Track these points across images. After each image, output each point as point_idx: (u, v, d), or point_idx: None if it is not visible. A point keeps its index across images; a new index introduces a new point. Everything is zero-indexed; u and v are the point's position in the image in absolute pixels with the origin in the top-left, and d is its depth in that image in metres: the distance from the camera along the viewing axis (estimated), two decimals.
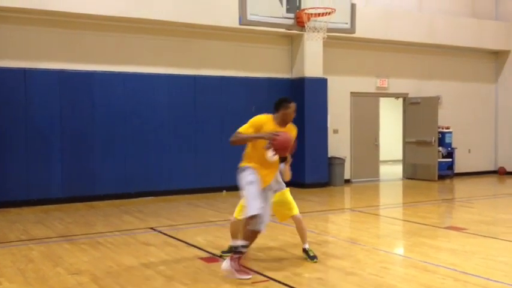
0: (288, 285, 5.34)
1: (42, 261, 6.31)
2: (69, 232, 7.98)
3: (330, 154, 13.29)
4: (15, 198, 10.04)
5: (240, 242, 5.58)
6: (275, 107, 5.76)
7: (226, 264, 5.48)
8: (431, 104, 14.46)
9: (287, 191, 6.37)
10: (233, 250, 5.68)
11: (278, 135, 5.39)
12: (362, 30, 12.24)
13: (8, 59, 10.13)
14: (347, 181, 13.80)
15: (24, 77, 10.22)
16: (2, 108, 9.94)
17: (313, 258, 6.24)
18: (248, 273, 5.52)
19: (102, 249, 6.90)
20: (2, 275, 5.72)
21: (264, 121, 5.65)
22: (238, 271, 5.46)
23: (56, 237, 7.67)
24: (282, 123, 5.71)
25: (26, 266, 6.12)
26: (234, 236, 6.17)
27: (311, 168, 12.82)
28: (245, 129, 5.58)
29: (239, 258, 5.49)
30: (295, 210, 6.35)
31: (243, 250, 5.53)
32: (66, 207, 10.16)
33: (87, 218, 9.19)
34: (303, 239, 6.40)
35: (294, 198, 6.52)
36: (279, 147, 5.42)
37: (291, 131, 5.74)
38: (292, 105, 5.73)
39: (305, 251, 6.35)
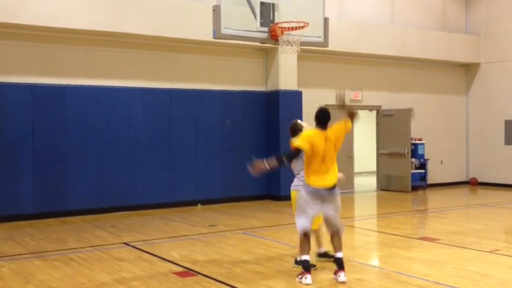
0: None
1: (12, 279, 6.18)
2: (40, 248, 7.84)
3: None
4: None
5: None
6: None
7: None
8: (404, 116, 14.67)
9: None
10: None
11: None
12: (335, 44, 12.38)
13: None
14: None
15: None
16: None
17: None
18: None
19: (75, 266, 6.80)
20: None
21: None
22: None
23: (27, 253, 7.53)
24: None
25: None
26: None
27: (286, 181, 12.71)
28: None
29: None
30: None
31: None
32: (37, 223, 9.98)
33: (59, 233, 9.04)
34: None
35: (269, 211, 6.54)
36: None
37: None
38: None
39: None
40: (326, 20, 8.28)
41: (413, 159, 14.90)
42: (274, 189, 12.81)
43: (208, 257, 7.23)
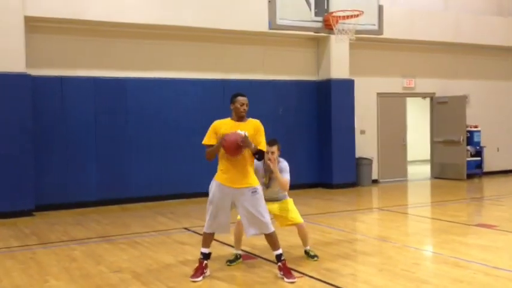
0: (322, 281, 5.51)
1: (84, 260, 6.60)
2: (107, 233, 8.27)
3: (357, 155, 13.40)
4: (53, 201, 10.40)
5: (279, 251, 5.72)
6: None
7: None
8: (459, 103, 14.44)
9: (290, 201, 6.42)
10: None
11: (225, 138, 5.55)
12: (388, 31, 12.22)
13: (45, 67, 10.51)
14: (375, 181, 13.89)
15: (60, 85, 10.59)
16: (40, 115, 10.31)
17: (313, 257, 6.35)
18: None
19: (140, 248, 7.17)
20: (49, 274, 6.01)
21: (219, 124, 5.91)
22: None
23: (95, 237, 7.97)
24: (238, 118, 5.87)
25: (70, 264, 6.41)
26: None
27: (338, 169, 12.94)
28: (208, 138, 5.89)
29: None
30: (300, 219, 6.36)
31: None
32: (101, 209, 10.48)
33: (123, 219, 9.49)
34: (305, 242, 6.44)
35: (322, 198, 6.69)
36: (227, 148, 5.56)
37: (250, 126, 5.83)
38: (240, 99, 5.87)
39: (306, 252, 6.45)
40: (381, 7, 8.32)
41: (468, 147, 14.66)
42: (326, 178, 12.93)
43: (266, 241, 7.44)
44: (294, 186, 10.29)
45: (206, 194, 6.06)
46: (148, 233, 8.22)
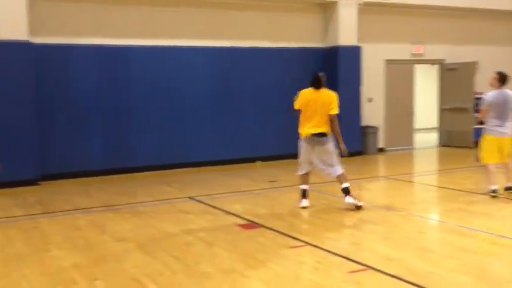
0: (325, 250, 5.48)
1: (88, 229, 6.60)
2: (111, 202, 8.27)
3: (363, 123, 13.26)
4: (57, 171, 10.38)
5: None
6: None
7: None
8: (469, 69, 14.18)
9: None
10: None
11: None
12: None
13: (47, 35, 10.35)
14: (381, 150, 13.77)
15: (63, 53, 10.46)
16: (43, 83, 10.21)
17: None
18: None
19: (144, 218, 7.16)
20: (51, 243, 6.02)
21: (303, 92, 7.51)
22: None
23: (100, 206, 7.98)
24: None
25: (73, 233, 6.42)
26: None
27: (344, 137, 12.72)
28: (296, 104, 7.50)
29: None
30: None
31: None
32: (106, 178, 10.47)
33: (127, 188, 9.48)
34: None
35: None
36: None
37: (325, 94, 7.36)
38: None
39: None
40: None
41: (476, 114, 14.45)
42: None
43: (270, 210, 7.43)
44: (298, 155, 10.21)
45: (210, 163, 5.99)
46: (152, 202, 8.21)
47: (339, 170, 7.35)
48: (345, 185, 7.30)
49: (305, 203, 7.38)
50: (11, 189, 9.35)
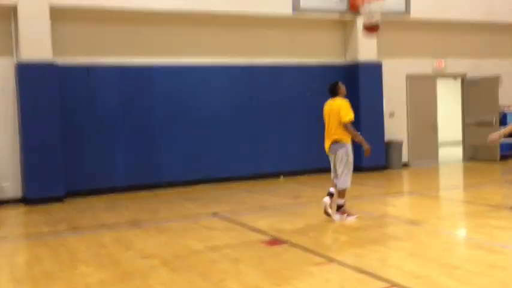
0: (350, 266, 5.42)
1: (113, 246, 6.65)
2: (136, 218, 8.33)
3: (386, 138, 13.18)
4: (83, 188, 10.53)
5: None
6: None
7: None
8: (491, 83, 14.04)
9: None
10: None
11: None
12: (417, 11, 12.05)
13: (72, 55, 10.58)
14: (405, 164, 13.65)
15: (87, 73, 10.66)
16: (68, 103, 10.41)
17: None
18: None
19: (169, 234, 7.19)
20: (78, 260, 6.07)
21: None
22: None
23: (125, 223, 8.04)
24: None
25: (99, 250, 6.47)
26: None
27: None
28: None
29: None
30: None
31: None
32: (130, 195, 10.57)
33: (152, 205, 9.54)
34: None
35: (352, 182, 6.87)
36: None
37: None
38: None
39: None
40: None
41: (501, 128, 14.26)
42: (355, 161, 12.69)
43: (295, 226, 7.40)
44: (322, 170, 10.33)
45: (234, 179, 6.00)
46: (177, 219, 8.24)
47: (342, 184, 7.46)
48: (339, 202, 7.44)
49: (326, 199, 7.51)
50: (38, 206, 9.50)
